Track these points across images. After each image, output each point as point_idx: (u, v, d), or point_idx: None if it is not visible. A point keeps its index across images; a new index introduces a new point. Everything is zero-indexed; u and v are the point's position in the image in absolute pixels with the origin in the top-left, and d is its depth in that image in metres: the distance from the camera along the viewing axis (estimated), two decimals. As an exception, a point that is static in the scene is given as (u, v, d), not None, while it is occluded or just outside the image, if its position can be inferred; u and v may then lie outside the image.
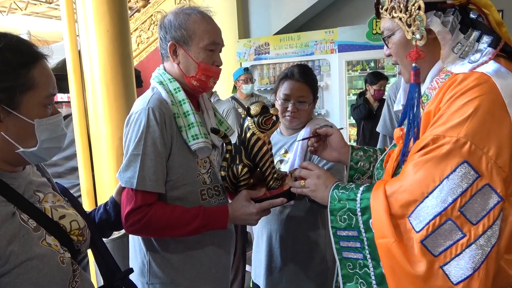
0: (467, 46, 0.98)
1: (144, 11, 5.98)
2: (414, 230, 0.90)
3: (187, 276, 1.32)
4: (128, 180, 1.20)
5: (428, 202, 0.88)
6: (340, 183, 1.12)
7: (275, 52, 4.38)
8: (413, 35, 0.99)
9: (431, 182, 0.89)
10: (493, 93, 0.88)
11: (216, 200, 1.36)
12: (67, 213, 0.97)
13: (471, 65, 0.95)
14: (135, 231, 1.25)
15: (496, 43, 0.95)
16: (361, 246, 1.01)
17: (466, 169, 0.86)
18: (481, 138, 0.87)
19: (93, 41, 2.76)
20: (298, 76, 1.70)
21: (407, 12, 0.99)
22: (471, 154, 0.86)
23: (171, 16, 1.31)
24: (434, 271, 0.87)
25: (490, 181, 0.86)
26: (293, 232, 1.71)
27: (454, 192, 0.86)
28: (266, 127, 1.26)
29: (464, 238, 0.86)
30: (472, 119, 0.87)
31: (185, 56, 1.29)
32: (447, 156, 0.88)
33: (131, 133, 1.24)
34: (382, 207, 0.94)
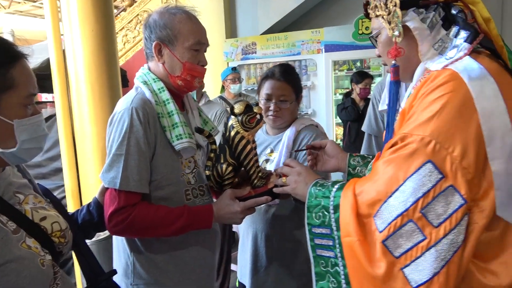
0: (446, 42, 0.96)
1: (130, 10, 5.93)
2: (377, 230, 0.88)
3: (172, 276, 1.32)
4: (111, 181, 1.19)
5: (391, 202, 0.86)
6: (319, 181, 1.11)
7: (262, 52, 4.39)
8: (393, 32, 0.99)
9: (395, 181, 0.87)
10: (461, 91, 0.86)
11: (201, 200, 1.36)
12: (48, 214, 0.96)
13: (446, 62, 0.93)
14: (119, 232, 1.24)
15: (472, 38, 0.93)
16: (333, 244, 1.00)
17: (430, 169, 0.83)
18: (446, 137, 0.84)
19: (77, 40, 2.73)
20: (279, 75, 1.71)
21: (386, 10, 0.99)
22: (436, 154, 0.83)
23: (156, 15, 1.31)
24: (394, 273, 0.85)
25: (454, 182, 0.83)
26: (278, 231, 1.72)
27: (416, 193, 0.84)
28: (250, 126, 1.26)
29: (424, 240, 0.83)
30: (438, 117, 0.85)
31: (170, 56, 1.29)
32: (412, 155, 0.85)
33: (114, 133, 1.23)
34: (349, 206, 0.93)
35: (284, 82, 1.71)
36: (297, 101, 1.78)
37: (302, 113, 4.30)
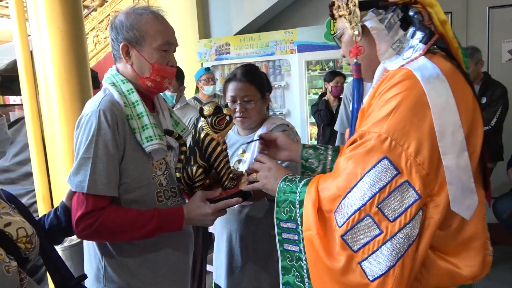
0: (401, 41, 1.00)
1: (101, 10, 5.81)
2: (337, 225, 0.90)
3: (144, 279, 1.31)
4: (78, 184, 1.17)
5: (350, 197, 0.89)
6: (289, 176, 1.12)
7: (236, 52, 4.40)
8: (353, 32, 1.02)
9: (354, 177, 0.89)
10: (415, 89, 0.88)
11: (173, 201, 1.35)
12: (13, 220, 0.94)
13: (403, 62, 0.96)
14: (87, 236, 1.22)
15: (427, 39, 0.96)
16: (298, 239, 1.01)
17: (386, 165, 0.86)
18: (401, 134, 0.86)
19: (45, 41, 2.66)
20: (240, 76, 1.72)
21: (347, 10, 1.03)
22: (391, 150, 0.86)
23: (122, 16, 1.29)
24: (353, 267, 0.87)
25: (409, 178, 0.85)
26: (252, 231, 1.73)
27: (373, 188, 0.86)
28: (220, 128, 1.26)
29: (381, 234, 0.85)
30: (393, 115, 0.87)
31: (138, 57, 1.28)
32: (369, 152, 0.88)
33: (81, 136, 1.21)
34: (311, 201, 0.96)
35: (246, 82, 1.71)
36: (263, 100, 1.78)
37: (277, 113, 4.33)
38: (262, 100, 1.78)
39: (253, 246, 1.74)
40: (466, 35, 3.97)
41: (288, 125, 1.83)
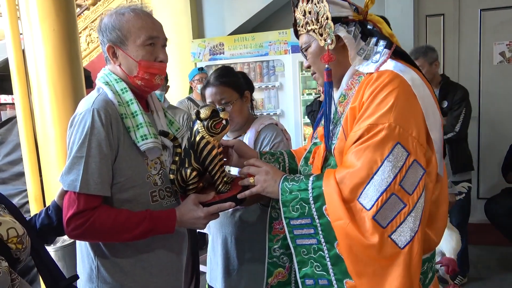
0: (368, 50, 1.17)
1: (93, 9, 5.78)
2: (365, 208, 1.01)
3: (138, 280, 1.30)
4: (71, 183, 1.16)
5: (375, 182, 1.01)
6: (287, 176, 1.19)
7: (230, 53, 4.39)
8: (325, 42, 1.16)
9: (374, 164, 1.02)
10: (403, 84, 1.06)
11: (168, 201, 1.34)
12: (3, 220, 0.93)
13: (375, 65, 1.13)
14: (77, 236, 1.21)
15: (390, 45, 1.15)
16: (314, 232, 1.10)
17: (400, 149, 1.01)
18: (405, 122, 1.03)
19: (38, 40, 2.64)
20: (214, 80, 1.73)
21: (318, 23, 1.17)
22: (401, 136, 1.02)
23: (106, 18, 1.29)
24: (384, 241, 0.99)
25: (416, 157, 1.02)
26: (248, 233, 1.72)
27: (394, 170, 1.00)
28: (216, 131, 1.25)
29: (405, 207, 1.00)
30: (396, 108, 1.03)
31: (125, 56, 1.27)
32: (383, 140, 1.02)
33: (74, 135, 1.20)
34: (335, 193, 1.05)
35: (220, 85, 1.71)
36: (243, 99, 1.78)
37: (270, 113, 4.33)
38: (242, 100, 1.77)
39: (249, 248, 1.73)
40: (458, 37, 4.00)
41: (277, 124, 1.83)
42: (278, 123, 1.86)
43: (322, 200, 1.08)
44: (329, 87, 1.19)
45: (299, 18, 1.24)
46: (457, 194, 2.40)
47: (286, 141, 1.80)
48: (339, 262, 1.07)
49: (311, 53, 1.23)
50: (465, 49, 4.01)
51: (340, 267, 1.07)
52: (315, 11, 1.17)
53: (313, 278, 1.13)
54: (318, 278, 1.12)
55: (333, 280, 1.09)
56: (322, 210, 1.08)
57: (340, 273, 1.08)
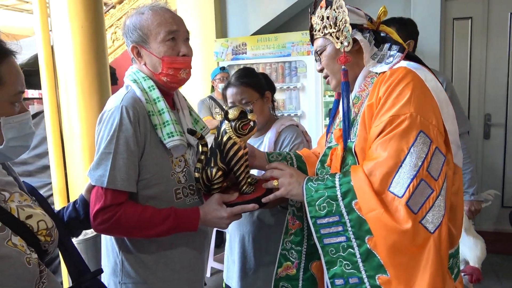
0: (382, 54, 1.23)
1: (119, 7, 5.88)
2: (397, 196, 1.04)
3: (160, 275, 1.31)
4: (98, 179, 1.18)
5: (404, 169, 1.05)
6: (310, 177, 1.21)
7: (252, 53, 4.39)
8: (341, 44, 1.22)
9: (401, 152, 1.05)
10: (417, 78, 1.11)
11: (191, 199, 1.35)
12: (34, 212, 0.95)
13: (389, 65, 1.18)
14: (103, 230, 1.23)
15: (402, 49, 1.21)
16: (343, 229, 1.11)
17: (423, 137, 1.06)
18: (424, 112, 1.08)
19: (67, 36, 2.70)
20: (234, 81, 1.75)
21: (336, 27, 1.22)
22: (423, 125, 1.06)
23: (128, 20, 1.32)
24: (417, 226, 1.02)
25: (437, 144, 1.07)
26: (265, 232, 1.72)
27: (421, 157, 1.04)
28: (243, 132, 1.25)
29: (433, 193, 1.04)
30: (414, 99, 1.08)
31: (148, 55, 1.29)
32: (407, 129, 1.06)
33: (103, 131, 1.22)
34: (366, 185, 1.07)
35: (241, 86, 1.73)
36: (263, 99, 1.78)
37: (291, 114, 4.32)
38: (263, 100, 1.78)
39: (266, 248, 1.73)
40: (487, 41, 3.90)
41: (297, 125, 1.83)
42: (299, 124, 1.85)
43: (351, 195, 1.09)
44: (346, 87, 1.23)
45: (317, 23, 1.29)
46: (482, 201, 2.34)
47: (306, 143, 1.79)
48: (370, 257, 1.08)
49: (326, 55, 1.28)
50: (493, 54, 3.90)
51: (371, 263, 1.08)
52: (334, 16, 1.22)
53: (342, 278, 1.12)
54: (348, 277, 1.11)
55: (364, 277, 1.09)
56: (352, 205, 1.09)
57: (371, 269, 1.08)
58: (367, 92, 1.21)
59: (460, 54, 3.95)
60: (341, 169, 1.23)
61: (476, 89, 3.92)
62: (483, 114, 3.92)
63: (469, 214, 2.29)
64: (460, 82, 3.94)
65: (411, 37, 2.28)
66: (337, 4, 1.22)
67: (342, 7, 1.21)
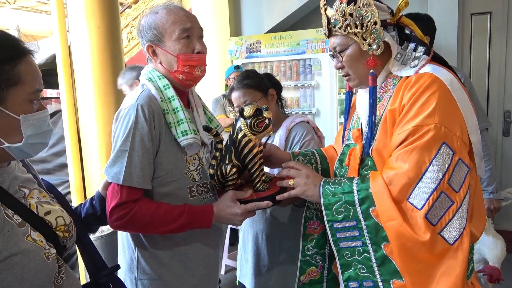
0: (406, 55, 1.20)
1: (135, 7, 5.94)
2: (416, 208, 1.04)
3: (175, 272, 1.33)
4: (114, 176, 1.20)
5: (424, 181, 1.05)
6: (327, 179, 1.20)
7: (267, 51, 4.38)
8: (369, 46, 1.18)
9: (423, 164, 1.05)
10: (443, 87, 1.09)
11: (205, 197, 1.36)
12: (52, 209, 0.97)
13: (414, 69, 1.15)
14: (119, 227, 1.25)
15: (428, 51, 1.18)
16: (359, 234, 1.12)
17: (446, 149, 1.05)
18: (449, 122, 1.07)
19: (84, 36, 2.75)
20: (236, 84, 1.77)
21: (363, 28, 1.17)
22: (446, 136, 1.06)
23: (142, 20, 1.33)
24: (435, 238, 1.03)
25: (461, 155, 1.06)
26: (279, 230, 1.72)
27: (442, 169, 1.04)
28: (258, 130, 1.25)
29: (453, 205, 1.04)
30: (439, 109, 1.06)
31: (164, 53, 1.30)
32: (430, 141, 1.05)
33: (119, 129, 1.24)
34: (386, 194, 1.07)
35: (242, 88, 1.74)
36: (267, 97, 1.78)
37: (306, 112, 4.30)
38: (267, 98, 1.78)
39: (279, 246, 1.73)
40: (506, 36, 3.81)
41: (308, 121, 1.82)
42: (310, 120, 1.85)
43: (369, 202, 1.10)
44: (375, 92, 1.20)
45: (337, 19, 1.21)
46: (502, 200, 2.29)
47: (317, 139, 1.79)
48: (387, 263, 1.08)
49: (349, 55, 1.22)
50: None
51: (387, 268, 1.08)
52: (359, 14, 1.17)
53: (357, 281, 1.14)
54: (363, 280, 1.13)
55: (379, 281, 1.10)
56: (369, 212, 1.09)
57: (387, 273, 1.09)
58: (389, 93, 1.19)
59: (479, 50, 3.87)
60: (360, 169, 1.23)
61: (495, 85, 3.83)
62: (502, 111, 3.83)
63: (488, 213, 2.25)
64: (478, 79, 3.86)
65: (428, 33, 2.24)
66: (364, 2, 1.16)
67: (370, 5, 1.15)
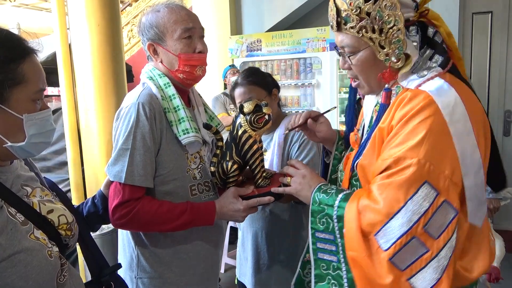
0: (420, 63, 1.02)
1: (136, 5, 5.94)
2: (381, 248, 0.94)
3: (176, 270, 1.33)
4: (116, 174, 1.20)
5: (394, 222, 0.92)
6: (323, 185, 1.13)
7: (267, 49, 4.38)
8: (386, 57, 1.01)
9: (396, 203, 0.93)
10: (438, 115, 0.93)
11: (207, 195, 1.36)
12: (55, 207, 0.97)
13: (418, 81, 0.99)
14: (122, 225, 1.25)
15: (445, 64, 1.00)
16: (336, 250, 1.05)
17: (427, 189, 0.91)
18: (437, 158, 0.92)
19: (84, 35, 2.74)
20: (242, 81, 1.75)
21: (382, 34, 0.99)
22: (431, 174, 0.92)
23: (143, 18, 1.33)
24: (401, 283, 0.92)
25: (447, 197, 0.92)
26: (278, 229, 1.73)
27: (418, 212, 0.91)
28: (258, 126, 1.26)
29: (427, 252, 0.92)
30: (427, 141, 0.92)
31: (165, 52, 1.30)
32: (410, 178, 0.92)
33: (120, 128, 1.24)
34: (355, 223, 0.98)
35: (248, 84, 1.73)
36: (271, 96, 1.79)
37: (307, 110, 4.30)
38: (271, 97, 1.78)
39: (279, 244, 1.73)
40: (507, 36, 3.81)
41: None
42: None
43: (343, 222, 1.02)
44: (385, 109, 1.04)
45: (349, 15, 1.01)
46: (501, 199, 2.30)
47: None
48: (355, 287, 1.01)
49: (360, 60, 1.06)
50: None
51: None
52: (380, 16, 0.97)
53: None
54: None
55: None
56: (343, 232, 1.02)
57: None
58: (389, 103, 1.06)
59: (480, 49, 3.87)
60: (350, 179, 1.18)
61: (496, 85, 3.84)
62: (503, 111, 3.84)
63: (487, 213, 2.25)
64: (479, 79, 3.87)
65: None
66: (387, 3, 0.96)
67: (396, 8, 0.96)
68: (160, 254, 1.32)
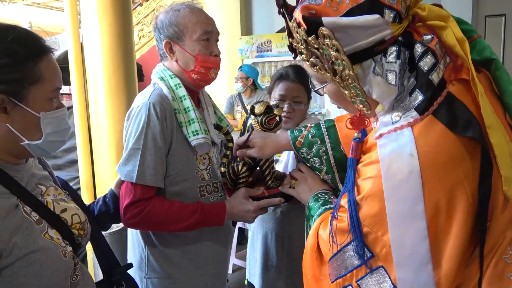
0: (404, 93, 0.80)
1: (146, 5, 5.96)
2: (330, 278, 0.90)
3: (185, 271, 1.33)
4: (128, 174, 1.21)
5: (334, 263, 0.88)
6: (321, 193, 1.11)
7: (277, 50, 4.38)
8: (351, 99, 0.83)
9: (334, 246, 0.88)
10: (379, 183, 0.78)
11: (215, 196, 1.37)
12: (68, 206, 0.98)
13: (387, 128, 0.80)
14: (133, 225, 1.26)
15: (425, 107, 0.75)
16: None
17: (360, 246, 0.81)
18: (373, 221, 0.79)
19: (95, 34, 2.75)
20: (293, 76, 1.70)
21: (336, 76, 0.80)
22: (365, 235, 0.80)
23: (162, 15, 1.33)
24: None
25: (384, 264, 0.79)
26: (288, 230, 1.72)
27: (351, 263, 0.84)
28: (269, 127, 1.26)
29: None
30: (366, 201, 0.80)
31: (182, 51, 1.30)
32: (343, 229, 0.85)
33: (131, 128, 1.25)
34: (311, 244, 0.97)
35: (298, 83, 1.70)
36: (308, 103, 1.78)
37: (316, 112, 4.29)
38: (308, 104, 1.78)
39: (288, 246, 1.73)
40: None
41: None
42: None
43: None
44: (354, 164, 0.87)
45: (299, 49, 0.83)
46: None
47: None
48: None
49: (330, 92, 0.91)
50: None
51: None
52: (328, 55, 0.77)
53: None
54: None
55: None
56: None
57: None
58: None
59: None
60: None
61: (508, 88, 3.79)
62: (515, 115, 3.79)
63: None
64: (491, 82, 3.83)
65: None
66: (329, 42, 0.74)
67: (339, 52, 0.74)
68: (170, 254, 1.32)
